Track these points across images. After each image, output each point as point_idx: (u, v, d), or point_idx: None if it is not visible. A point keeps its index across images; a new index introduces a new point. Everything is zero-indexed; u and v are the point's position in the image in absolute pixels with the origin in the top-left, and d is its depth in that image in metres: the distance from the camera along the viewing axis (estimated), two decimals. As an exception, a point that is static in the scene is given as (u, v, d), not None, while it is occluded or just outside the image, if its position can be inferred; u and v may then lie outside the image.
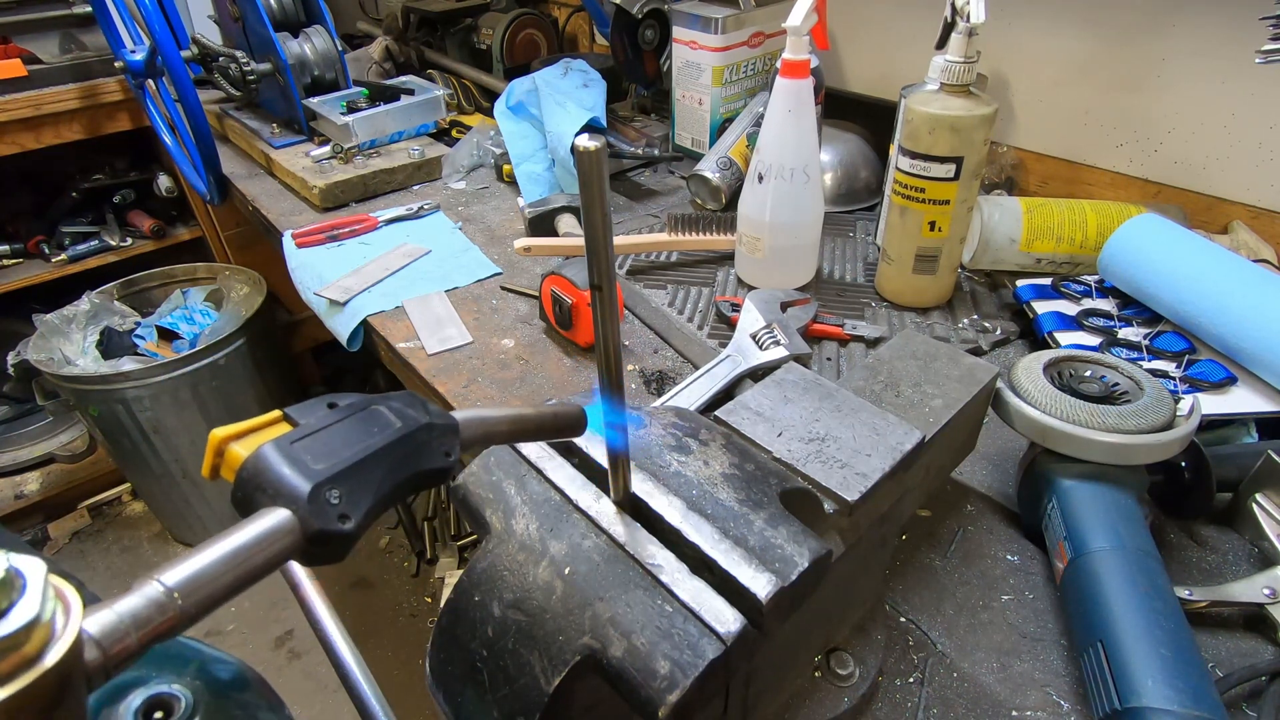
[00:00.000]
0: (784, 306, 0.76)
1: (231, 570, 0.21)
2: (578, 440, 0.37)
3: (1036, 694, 0.47)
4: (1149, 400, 0.52)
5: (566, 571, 0.32)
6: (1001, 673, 0.48)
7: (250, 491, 0.23)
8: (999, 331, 0.79)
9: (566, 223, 0.95)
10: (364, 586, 1.79)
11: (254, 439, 0.25)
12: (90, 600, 0.19)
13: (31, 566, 0.17)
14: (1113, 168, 0.93)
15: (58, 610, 0.17)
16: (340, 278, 0.92)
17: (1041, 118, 0.98)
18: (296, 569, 0.55)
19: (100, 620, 0.18)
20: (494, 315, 0.85)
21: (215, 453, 0.25)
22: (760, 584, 0.30)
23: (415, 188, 1.18)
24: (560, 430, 0.32)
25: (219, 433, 0.25)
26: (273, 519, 0.22)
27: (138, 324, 1.72)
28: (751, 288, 0.86)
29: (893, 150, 0.84)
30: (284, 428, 0.26)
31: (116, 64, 1.27)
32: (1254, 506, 0.56)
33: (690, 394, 0.67)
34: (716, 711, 0.37)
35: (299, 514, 0.22)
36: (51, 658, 0.17)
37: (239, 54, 1.25)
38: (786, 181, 0.78)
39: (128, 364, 1.57)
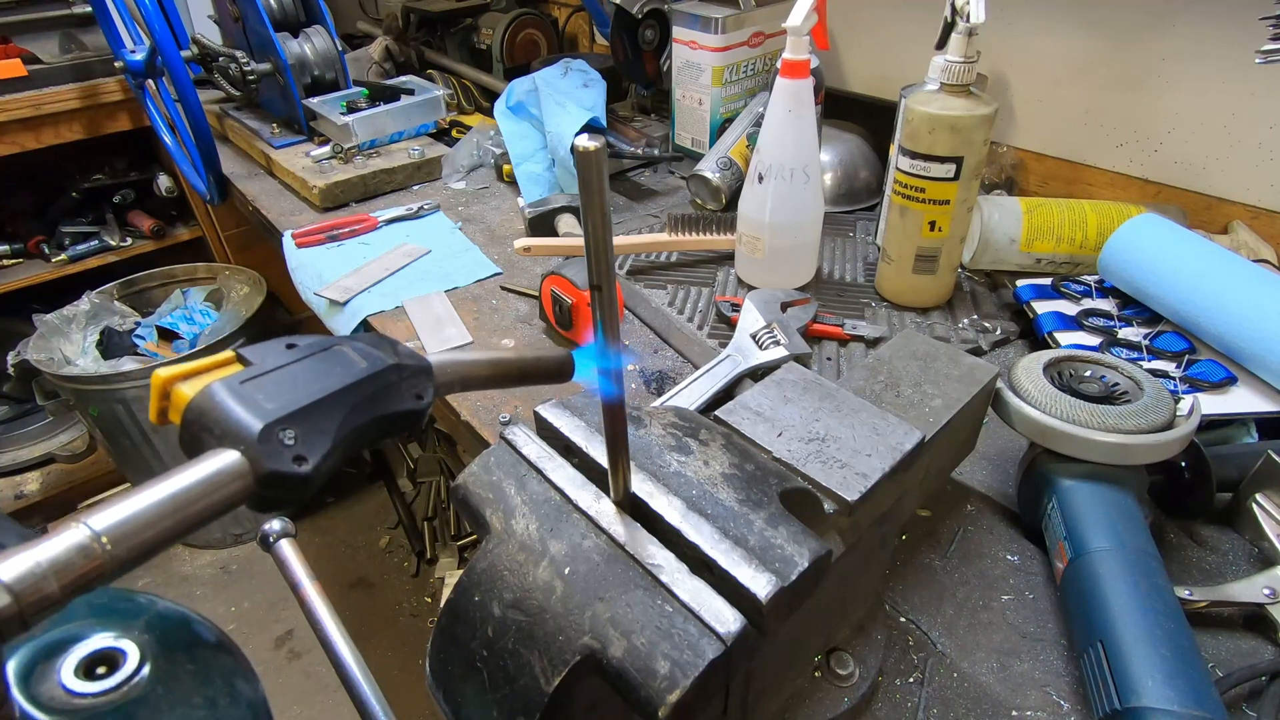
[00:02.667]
0: (784, 306, 0.76)
1: (171, 515, 0.19)
2: (579, 440, 0.37)
3: (1036, 694, 0.47)
4: (1149, 400, 0.52)
5: (566, 571, 0.32)
6: (1001, 673, 0.48)
7: (197, 432, 0.21)
8: (999, 331, 0.79)
9: (566, 223, 0.95)
10: (364, 586, 1.79)
11: (203, 380, 0.23)
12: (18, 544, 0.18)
13: None
14: (1113, 168, 0.93)
15: None
16: (340, 278, 0.92)
17: (1041, 118, 0.98)
18: (297, 569, 0.55)
19: (14, 566, 0.17)
20: (494, 315, 0.85)
21: (161, 395, 0.23)
22: (760, 584, 0.30)
23: (415, 188, 1.18)
24: (545, 375, 0.30)
25: (163, 373, 0.23)
26: (220, 460, 0.20)
27: (138, 324, 1.72)
28: (751, 288, 0.86)
29: (893, 150, 0.84)
30: (236, 368, 0.24)
31: (116, 64, 1.27)
32: (1254, 506, 0.56)
33: (690, 394, 0.67)
34: (716, 711, 0.37)
35: (249, 454, 0.20)
36: None
37: (239, 54, 1.25)
38: (786, 181, 0.78)
39: (128, 364, 1.58)
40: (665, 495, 0.34)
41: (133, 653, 0.36)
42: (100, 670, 0.35)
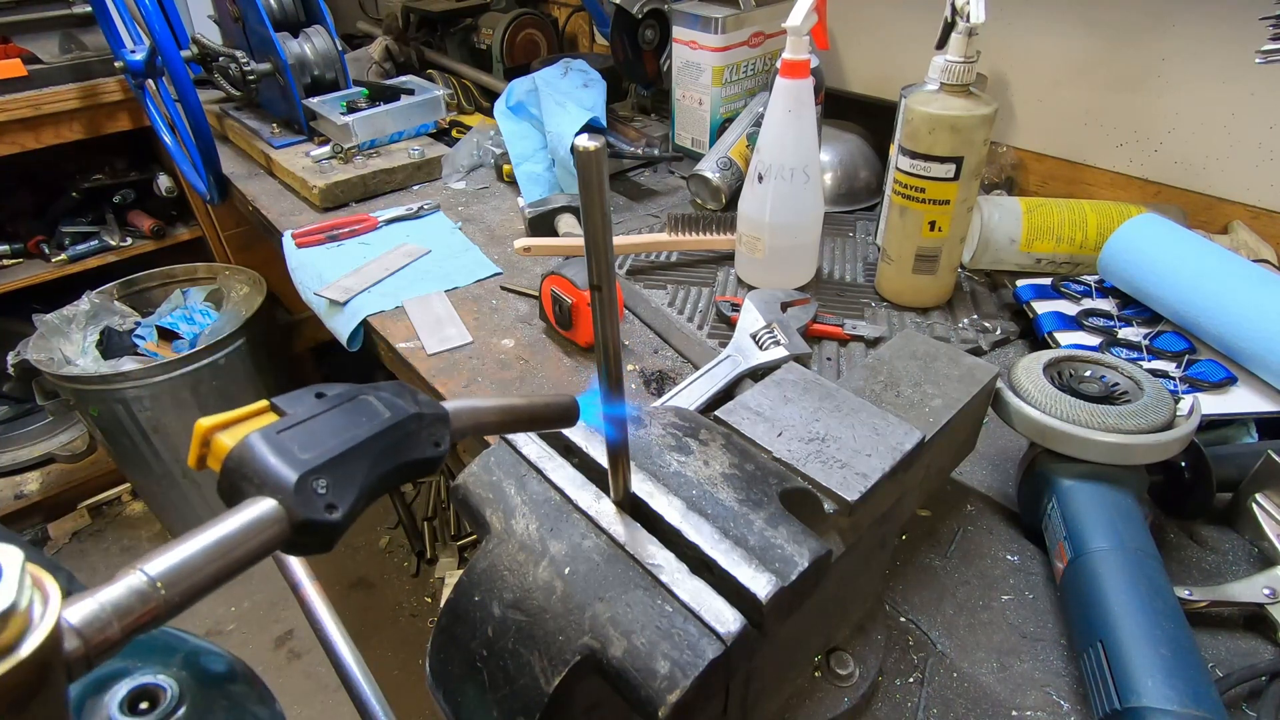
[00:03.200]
0: (784, 306, 0.76)
1: (216, 560, 0.20)
2: (579, 439, 0.37)
3: (1036, 694, 0.47)
4: (1149, 400, 0.52)
5: (566, 571, 0.32)
6: (1001, 673, 0.48)
7: (236, 481, 0.23)
8: (999, 331, 0.79)
9: (566, 223, 0.95)
10: (364, 586, 1.79)
11: (240, 429, 0.25)
12: (78, 592, 0.20)
13: (8, 555, 0.17)
14: (1113, 168, 0.93)
15: (35, 599, 0.17)
16: (340, 278, 0.92)
17: (1041, 118, 0.98)
18: (296, 569, 0.55)
19: (81, 610, 0.18)
20: (494, 315, 0.85)
21: (201, 442, 0.25)
22: (760, 584, 0.30)
23: (415, 188, 1.18)
24: (552, 421, 0.32)
25: (205, 422, 0.25)
26: (259, 508, 0.22)
27: (138, 324, 1.72)
28: (751, 288, 0.86)
29: (893, 150, 0.84)
30: (271, 417, 0.26)
31: (116, 64, 1.27)
32: (1254, 506, 0.56)
33: (690, 394, 0.67)
34: (716, 711, 0.37)
35: (285, 503, 0.22)
36: (28, 647, 0.16)
37: (239, 54, 1.25)
38: (786, 181, 0.78)
39: (128, 364, 1.57)
40: (665, 495, 0.34)
41: (172, 688, 0.38)
42: (143, 705, 0.37)
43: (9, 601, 0.16)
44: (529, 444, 0.38)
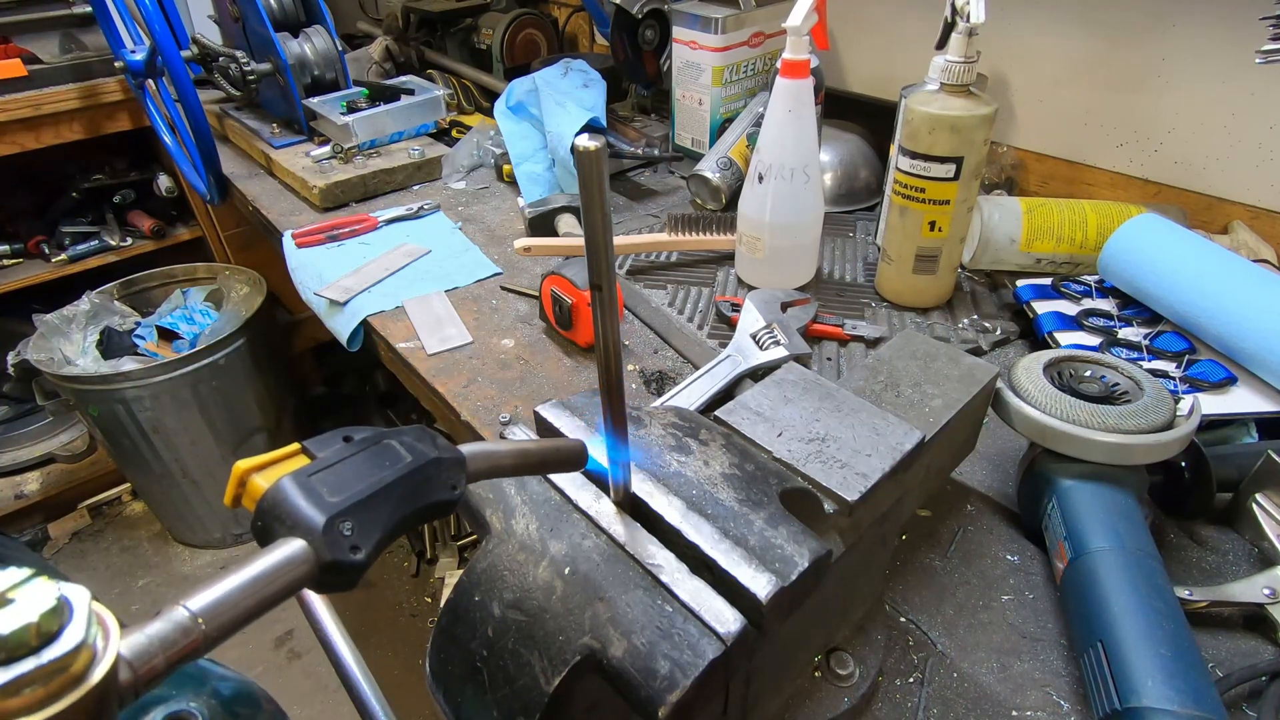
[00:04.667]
0: (784, 306, 0.76)
1: (251, 596, 0.22)
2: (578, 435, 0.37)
3: (1036, 694, 0.47)
4: (1149, 400, 0.52)
5: (566, 571, 0.32)
6: (1001, 673, 0.48)
7: (269, 522, 0.24)
8: (999, 331, 0.79)
9: (566, 223, 0.95)
10: (364, 586, 1.79)
11: (274, 470, 0.27)
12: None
13: (78, 595, 0.19)
14: (1113, 168, 0.93)
15: (99, 634, 0.19)
16: (340, 278, 0.92)
17: (1041, 118, 0.98)
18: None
19: (132, 643, 0.19)
20: (494, 315, 0.85)
21: (238, 483, 0.27)
22: (760, 584, 0.30)
23: (415, 188, 1.18)
24: (562, 465, 0.34)
25: (243, 465, 0.27)
26: (290, 549, 0.23)
27: (138, 324, 1.72)
28: (751, 288, 0.86)
29: (893, 150, 0.84)
30: (302, 460, 0.28)
31: (116, 64, 1.27)
32: (1254, 506, 0.56)
33: (690, 394, 0.67)
34: (716, 711, 0.37)
35: (314, 544, 0.23)
36: (95, 677, 0.18)
37: (239, 54, 1.25)
38: (786, 181, 0.78)
39: (128, 364, 1.57)
40: (665, 495, 0.34)
41: (202, 715, 0.40)
42: None
43: (80, 638, 0.18)
44: (529, 444, 0.38)
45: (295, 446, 0.29)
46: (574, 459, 0.33)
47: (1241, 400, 0.63)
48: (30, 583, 0.18)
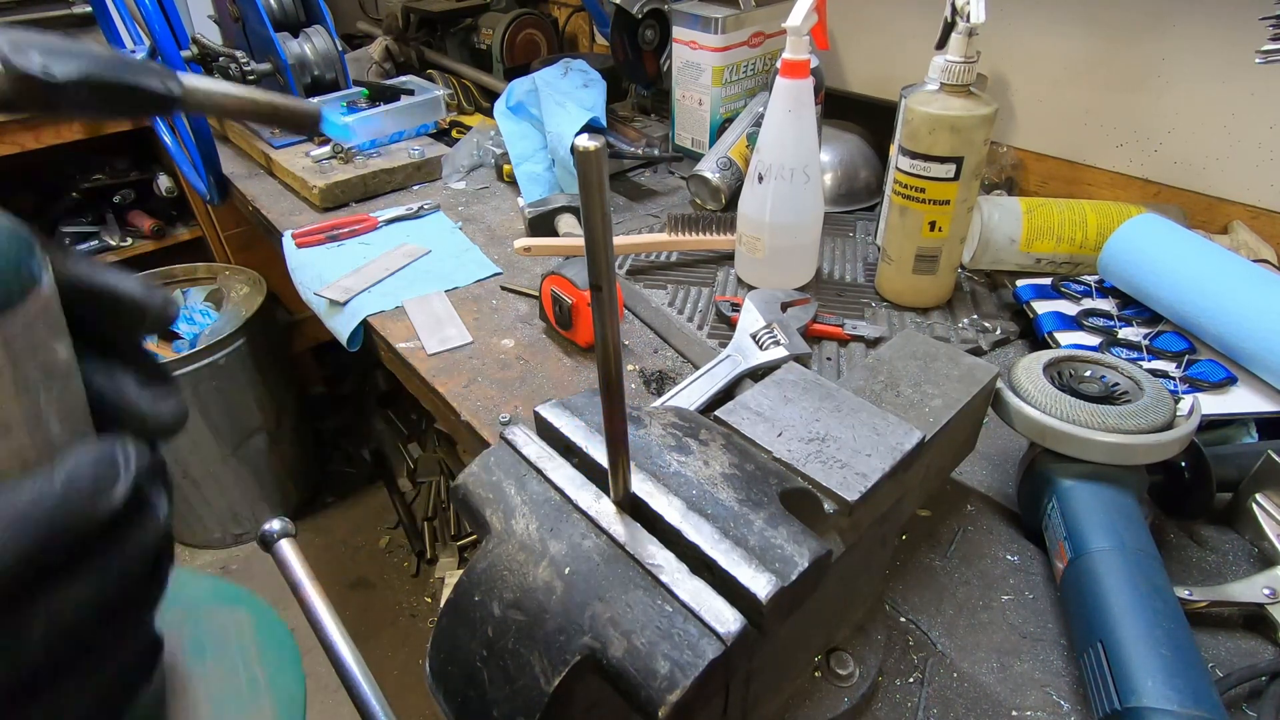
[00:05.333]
0: (784, 306, 0.76)
1: None
2: (577, 440, 0.37)
3: (1036, 694, 0.47)
4: (1149, 400, 0.52)
5: (566, 571, 0.32)
6: (1001, 673, 0.48)
7: None
8: (999, 331, 0.79)
9: (566, 223, 0.95)
10: (364, 586, 1.79)
11: None
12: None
13: None
14: (1113, 168, 0.93)
15: None
16: (340, 278, 0.92)
17: (1041, 118, 0.98)
18: (296, 569, 0.55)
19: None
20: (494, 315, 0.85)
21: None
22: (760, 584, 0.30)
23: (415, 188, 1.18)
24: (291, 122, 0.33)
25: None
26: None
27: (138, 324, 1.72)
28: (751, 288, 0.86)
29: (893, 150, 0.84)
30: None
31: (116, 64, 1.27)
32: (1254, 506, 0.56)
33: (690, 394, 0.67)
34: (716, 711, 0.37)
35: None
36: None
37: (239, 54, 1.25)
38: (786, 181, 0.78)
39: (128, 364, 1.57)
40: (665, 495, 0.34)
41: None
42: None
43: None
44: (529, 444, 0.38)
45: None
46: (306, 120, 0.33)
47: (1241, 400, 0.63)
48: None
